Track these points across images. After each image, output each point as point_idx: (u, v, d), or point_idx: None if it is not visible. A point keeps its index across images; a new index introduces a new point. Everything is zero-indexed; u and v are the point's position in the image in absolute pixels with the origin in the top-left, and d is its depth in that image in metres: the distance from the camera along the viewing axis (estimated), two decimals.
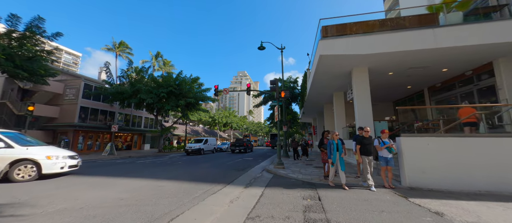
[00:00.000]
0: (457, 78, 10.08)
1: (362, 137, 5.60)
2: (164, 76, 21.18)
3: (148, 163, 11.34)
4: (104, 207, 3.74)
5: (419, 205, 3.85)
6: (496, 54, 7.71)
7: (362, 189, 5.10)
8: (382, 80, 10.51)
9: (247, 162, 12.01)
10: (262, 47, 16.11)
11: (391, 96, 14.66)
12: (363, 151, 5.44)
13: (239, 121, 51.28)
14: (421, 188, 5.03)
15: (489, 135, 5.46)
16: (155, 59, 38.60)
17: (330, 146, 5.41)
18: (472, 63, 8.60)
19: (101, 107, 22.00)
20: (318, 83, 11.60)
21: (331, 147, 5.40)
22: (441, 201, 4.10)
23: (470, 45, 7.04)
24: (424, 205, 3.84)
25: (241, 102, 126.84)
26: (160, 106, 19.38)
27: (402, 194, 4.54)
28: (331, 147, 5.39)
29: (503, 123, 7.35)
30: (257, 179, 6.67)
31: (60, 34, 14.01)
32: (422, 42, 7.28)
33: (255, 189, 5.24)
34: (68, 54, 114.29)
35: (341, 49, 7.93)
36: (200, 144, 19.83)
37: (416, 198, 4.21)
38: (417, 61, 8.40)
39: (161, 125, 23.86)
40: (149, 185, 5.60)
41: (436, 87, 11.59)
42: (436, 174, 5.18)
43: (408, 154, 5.36)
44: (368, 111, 8.88)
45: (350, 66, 9.01)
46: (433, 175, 5.18)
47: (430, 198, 4.27)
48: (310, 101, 16.57)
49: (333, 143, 5.40)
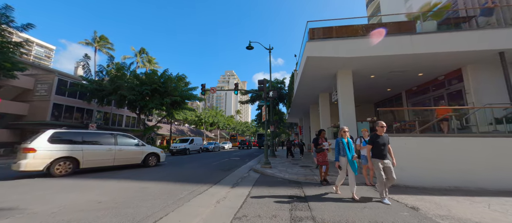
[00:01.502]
0: (431, 82, 10.85)
1: (375, 136, 4.29)
2: (148, 73, 20.32)
3: None
4: (80, 211, 3.50)
5: (397, 201, 4.08)
6: (464, 61, 8.42)
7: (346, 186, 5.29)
8: (365, 82, 11.00)
9: (234, 162, 11.94)
10: (250, 47, 16.08)
11: (373, 98, 15.41)
12: (375, 153, 4.19)
13: (226, 120, 50.80)
14: (399, 184, 5.34)
15: (458, 135, 5.95)
16: (138, 55, 36.89)
17: (338, 145, 4.54)
18: (444, 69, 9.31)
19: (77, 105, 20.59)
20: (305, 84, 11.85)
21: (339, 146, 4.52)
22: (417, 196, 4.39)
23: (442, 52, 7.62)
24: (401, 201, 4.08)
25: (229, 102, 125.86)
26: (143, 104, 18.58)
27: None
28: (340, 146, 4.50)
29: (470, 124, 8.05)
30: (244, 178, 6.65)
31: (31, 26, 12.89)
32: (401, 48, 7.73)
33: (242, 188, 5.21)
34: (40, 46, 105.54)
35: (327, 51, 8.17)
36: (185, 144, 19.40)
37: (395, 194, 4.46)
38: (397, 65, 8.91)
39: (144, 124, 22.91)
40: (131, 187, 5.34)
41: (413, 90, 12.39)
42: (413, 172, 5.53)
43: None
44: (352, 111, 9.24)
45: (335, 68, 9.32)
46: (410, 173, 5.53)
47: (407, 194, 4.54)
48: (297, 102, 16.88)
49: (342, 142, 4.47)
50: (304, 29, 9.00)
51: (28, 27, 12.73)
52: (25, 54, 19.22)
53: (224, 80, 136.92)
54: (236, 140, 46.71)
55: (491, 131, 7.01)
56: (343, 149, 4.42)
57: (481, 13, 7.73)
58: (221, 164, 10.95)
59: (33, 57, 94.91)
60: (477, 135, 6.12)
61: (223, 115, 49.93)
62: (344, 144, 4.45)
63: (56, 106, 18.73)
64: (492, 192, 4.72)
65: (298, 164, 10.12)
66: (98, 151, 7.82)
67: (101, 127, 23.41)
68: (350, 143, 4.48)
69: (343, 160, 4.49)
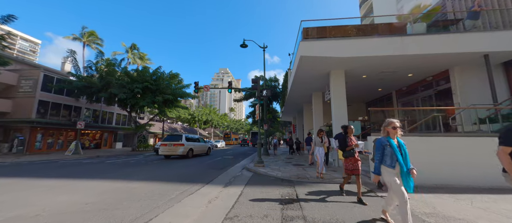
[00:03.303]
0: (420, 83, 11.15)
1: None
2: (139, 70, 19.83)
3: (120, 163, 10.58)
4: (65, 213, 3.38)
5: None
6: (452, 62, 8.69)
7: (334, 185, 5.37)
8: (357, 82, 11.18)
9: (227, 161, 11.89)
10: (245, 45, 15.99)
11: (364, 97, 15.71)
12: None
13: (220, 119, 50.51)
14: None
15: (444, 135, 6.14)
16: (130, 52, 35.91)
17: (383, 149, 2.88)
18: (432, 70, 9.58)
19: (64, 102, 19.85)
20: (299, 83, 11.91)
21: (384, 151, 2.87)
22: None
23: (431, 54, 7.83)
24: None
25: (223, 100, 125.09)
26: (134, 102, 18.14)
27: (372, 190, 4.89)
28: (385, 151, 2.86)
29: (456, 124, 8.35)
30: (237, 178, 6.63)
31: (13, 17, 12.26)
32: (392, 48, 7.89)
33: (234, 188, 5.20)
34: (24, 40, 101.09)
35: (320, 51, 8.23)
36: None
37: (384, 193, 4.56)
38: (388, 66, 9.09)
39: (136, 122, 22.42)
40: (120, 187, 5.22)
41: (403, 91, 12.71)
42: None
43: None
44: (344, 111, 9.38)
45: (328, 67, 9.40)
46: None
47: None
48: (290, 100, 16.97)
49: (390, 144, 2.81)
50: (298, 29, 9.02)
51: (10, 19, 12.11)
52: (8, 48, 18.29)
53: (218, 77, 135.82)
54: (230, 139, 46.60)
55: (475, 130, 7.30)
56: (392, 156, 2.78)
57: (468, 17, 7.98)
58: (215, 163, 10.88)
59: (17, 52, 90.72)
60: (462, 135, 6.34)
61: (217, 113, 49.58)
62: (393, 148, 2.79)
63: (42, 103, 17.99)
64: (476, 190, 4.92)
65: (291, 163, 10.20)
66: (198, 145, 15.00)
67: (90, 125, 22.74)
68: (404, 147, 2.83)
69: (389, 173, 2.80)
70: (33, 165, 9.87)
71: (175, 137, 13.35)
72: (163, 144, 13.04)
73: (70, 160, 12.56)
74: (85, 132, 23.12)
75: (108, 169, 8.44)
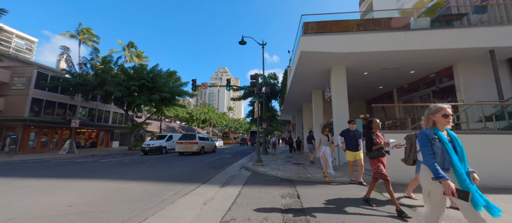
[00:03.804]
0: (422, 80, 10.93)
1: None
2: (136, 68, 19.42)
3: (114, 162, 10.25)
4: (43, 217, 3.07)
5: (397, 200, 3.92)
6: (456, 58, 8.45)
7: (341, 186, 5.10)
8: (358, 80, 10.93)
9: (225, 160, 11.61)
10: (243, 41, 15.70)
11: (365, 95, 15.48)
12: None
13: (219, 117, 50.14)
14: (393, 182, 5.22)
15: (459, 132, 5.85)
16: (127, 49, 35.37)
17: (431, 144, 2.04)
18: (436, 66, 9.34)
19: (59, 100, 19.41)
20: (298, 80, 11.64)
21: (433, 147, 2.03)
22: (417, 194, 4.26)
23: (434, 49, 7.58)
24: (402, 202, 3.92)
25: (221, 99, 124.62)
26: (130, 101, 17.76)
27: (378, 190, 4.63)
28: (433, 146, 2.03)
29: (460, 121, 8.12)
30: (235, 177, 6.36)
31: (3, 11, 11.84)
32: (395, 44, 7.63)
33: (232, 188, 4.91)
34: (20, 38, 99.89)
35: (321, 46, 7.95)
36: (161, 141, 16.45)
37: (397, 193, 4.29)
38: (390, 62, 8.84)
39: (132, 120, 22.04)
40: (110, 187, 4.91)
41: (404, 88, 12.49)
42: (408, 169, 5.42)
43: None
44: (345, 108, 9.13)
45: (329, 64, 9.14)
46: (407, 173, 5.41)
47: (402, 192, 4.41)
48: (290, 98, 16.71)
49: (440, 137, 2.03)
50: (298, 23, 8.74)
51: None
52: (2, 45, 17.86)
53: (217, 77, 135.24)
54: (229, 138, 46.28)
55: (480, 128, 7.07)
56: (444, 154, 1.98)
57: (474, 10, 7.74)
58: (212, 162, 10.59)
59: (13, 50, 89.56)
60: (468, 132, 6.10)
61: (215, 112, 49.22)
62: (445, 142, 2.00)
63: (36, 101, 17.55)
64: (482, 189, 4.67)
65: (290, 162, 9.94)
66: (207, 143, 16.79)
67: (86, 123, 22.33)
68: (458, 142, 2.05)
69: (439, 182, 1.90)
70: (24, 164, 9.51)
71: (190, 137, 15.43)
72: (180, 142, 15.01)
73: (63, 159, 12.20)
74: (80, 131, 22.69)
75: (101, 168, 8.12)
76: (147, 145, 15.67)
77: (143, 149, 15.45)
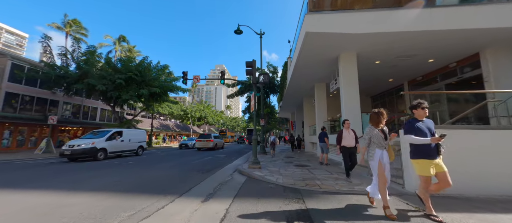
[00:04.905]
0: (440, 70, 9.72)
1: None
2: (124, 61, 17.87)
3: (87, 164, 8.84)
4: None
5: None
6: (484, 43, 7.26)
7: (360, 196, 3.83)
8: (366, 70, 9.68)
9: (218, 160, 10.27)
10: (239, 30, 14.36)
11: (371, 89, 14.25)
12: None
13: (215, 115, 48.65)
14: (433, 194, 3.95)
15: (503, 128, 4.59)
16: (118, 44, 33.65)
17: None
18: (459, 53, 8.13)
19: (38, 94, 17.78)
20: (300, 71, 10.36)
21: None
22: (463, 214, 3.01)
23: (464, 29, 6.36)
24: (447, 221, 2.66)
25: (219, 97, 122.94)
26: (115, 96, 16.23)
27: (415, 205, 3.35)
28: None
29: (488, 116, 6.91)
30: (225, 184, 5.04)
31: None
32: (418, 23, 6.39)
33: (217, 203, 3.60)
34: (10, 34, 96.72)
35: (331, 26, 6.66)
36: (97, 139, 10.44)
37: (438, 212, 3.02)
38: (409, 47, 7.60)
39: (121, 117, 20.52)
40: (48, 203, 3.55)
41: (417, 81, 11.29)
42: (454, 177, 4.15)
43: None
44: (356, 101, 7.89)
45: (338, 49, 7.86)
46: None
47: (449, 210, 3.14)
48: (289, 93, 15.43)
49: None
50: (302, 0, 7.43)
51: None
52: None
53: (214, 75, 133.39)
54: (226, 136, 44.86)
55: None
56: None
57: None
58: (202, 163, 9.25)
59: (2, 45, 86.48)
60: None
61: (212, 110, 47.71)
62: None
63: (10, 95, 15.91)
64: None
65: (292, 163, 8.66)
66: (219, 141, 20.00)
67: (70, 121, 20.75)
68: None
69: None
70: None
71: (207, 136, 18.88)
72: (198, 140, 18.61)
73: (35, 160, 10.74)
74: (65, 128, 21.08)
75: (62, 172, 6.71)
76: (69, 147, 9.69)
77: (63, 153, 9.60)
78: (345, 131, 5.60)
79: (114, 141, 11.37)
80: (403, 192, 4.10)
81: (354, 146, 5.43)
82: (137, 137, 13.61)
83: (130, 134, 12.99)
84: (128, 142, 12.53)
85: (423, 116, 3.00)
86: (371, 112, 3.34)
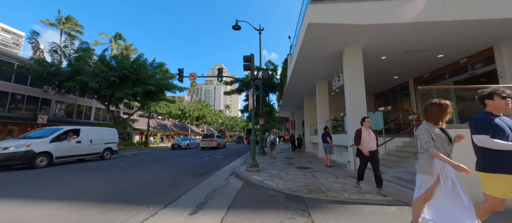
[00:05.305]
0: (449, 66, 9.21)
1: None
2: (118, 59, 17.24)
3: (70, 166, 8.27)
4: None
5: None
6: (500, 36, 6.77)
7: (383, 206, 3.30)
8: (371, 67, 9.13)
9: (215, 162, 9.73)
10: (238, 26, 13.85)
11: (374, 88, 13.72)
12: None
13: (214, 115, 48.08)
14: None
15: None
16: (114, 41, 32.92)
17: None
18: (472, 48, 7.63)
19: (29, 93, 17.17)
20: (301, 68, 9.82)
21: None
22: None
23: (479, 20, 5.85)
24: None
25: (218, 97, 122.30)
26: (109, 94, 15.64)
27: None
28: None
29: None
30: (219, 191, 4.50)
31: None
32: (430, 13, 5.88)
33: (208, 216, 3.06)
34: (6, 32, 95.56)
35: (336, 16, 6.13)
36: (37, 140, 7.93)
37: None
38: (417, 41, 7.08)
39: (115, 116, 19.91)
40: (4, 219, 3.00)
41: (424, 78, 10.78)
42: None
43: None
44: (362, 98, 7.37)
45: (342, 43, 7.34)
46: None
47: None
48: (289, 91, 14.89)
49: None
50: None
51: None
52: None
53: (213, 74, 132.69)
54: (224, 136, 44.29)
55: None
56: None
57: None
58: (198, 164, 8.70)
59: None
60: None
61: (210, 109, 47.12)
62: None
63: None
64: None
65: (293, 164, 8.13)
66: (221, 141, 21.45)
67: (63, 120, 20.12)
68: None
69: None
70: None
71: (211, 136, 19.79)
72: (202, 140, 19.50)
73: None
74: None
75: (40, 176, 6.15)
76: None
77: None
78: (364, 131, 4.57)
79: (64, 142, 8.70)
80: None
81: (376, 149, 4.42)
82: (103, 137, 10.66)
83: (93, 134, 10.11)
84: (89, 143, 9.72)
85: (503, 109, 2.02)
86: (428, 103, 2.35)
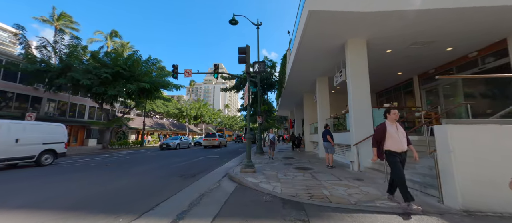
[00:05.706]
0: (457, 61, 8.70)
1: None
2: (112, 56, 16.64)
3: (54, 168, 7.72)
4: None
5: None
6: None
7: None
8: (375, 63, 8.63)
9: (208, 162, 9.19)
10: (235, 20, 13.27)
11: (377, 85, 13.19)
12: None
13: (212, 114, 47.49)
14: (476, 212, 2.91)
15: None
16: (109, 39, 32.28)
17: None
18: (483, 40, 7.12)
19: (18, 90, 16.55)
20: (301, 61, 9.28)
21: None
22: None
23: (493, 7, 5.34)
24: None
25: (217, 97, 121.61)
26: (101, 91, 15.04)
27: None
28: None
29: None
30: (208, 196, 3.96)
31: None
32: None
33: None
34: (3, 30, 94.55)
35: (337, 3, 5.60)
36: None
37: None
38: (425, 32, 6.57)
39: (109, 115, 19.32)
40: None
41: (429, 74, 10.26)
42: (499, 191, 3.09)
43: (461, 154, 3.18)
44: (366, 93, 6.86)
45: (344, 35, 6.82)
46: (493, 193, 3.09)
47: None
48: (289, 89, 14.37)
49: None
50: None
51: None
52: None
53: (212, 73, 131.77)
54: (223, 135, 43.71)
55: None
56: None
57: None
58: (189, 165, 8.16)
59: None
60: None
61: (209, 108, 46.53)
62: None
63: None
64: None
65: (292, 165, 7.60)
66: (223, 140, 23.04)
67: (54, 118, 19.50)
68: None
69: None
70: None
71: (213, 135, 20.46)
72: (205, 139, 20.06)
73: None
74: None
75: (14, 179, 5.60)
76: None
77: None
78: (391, 126, 3.36)
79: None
80: (443, 209, 3.06)
81: (406, 150, 3.32)
82: (40, 135, 7.79)
83: (19, 130, 7.25)
84: (14, 144, 6.98)
85: None
86: None
